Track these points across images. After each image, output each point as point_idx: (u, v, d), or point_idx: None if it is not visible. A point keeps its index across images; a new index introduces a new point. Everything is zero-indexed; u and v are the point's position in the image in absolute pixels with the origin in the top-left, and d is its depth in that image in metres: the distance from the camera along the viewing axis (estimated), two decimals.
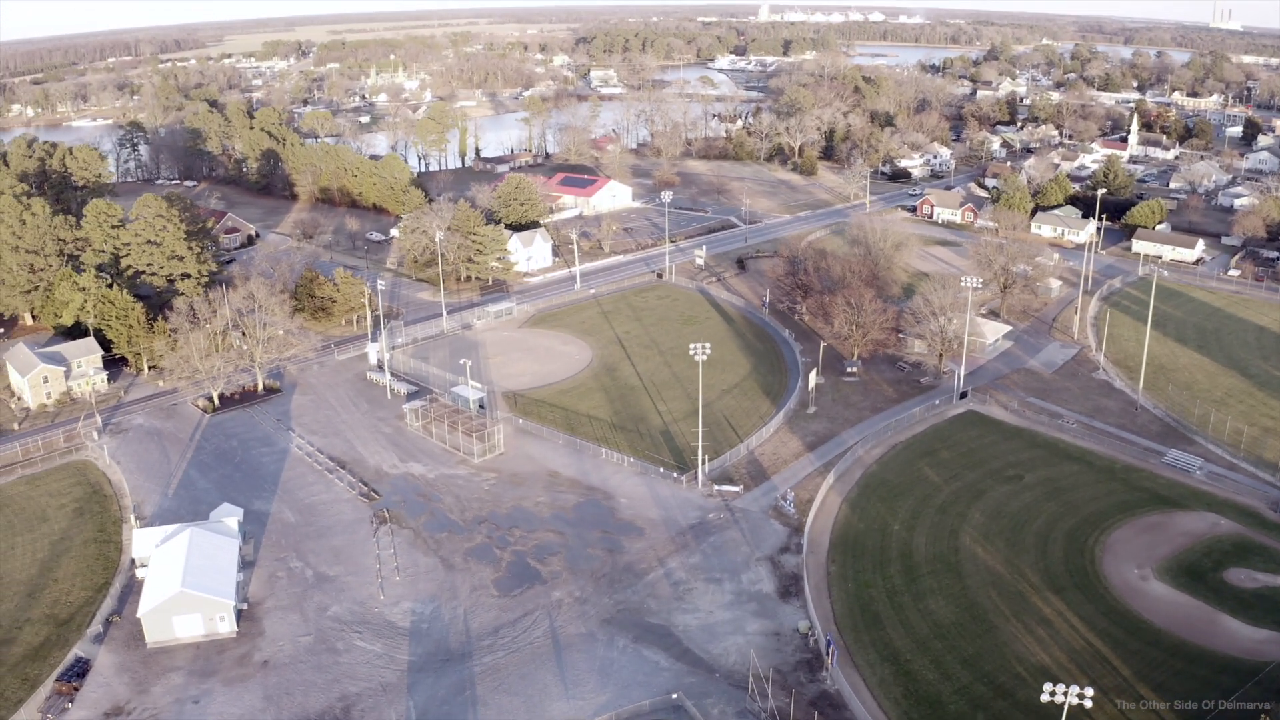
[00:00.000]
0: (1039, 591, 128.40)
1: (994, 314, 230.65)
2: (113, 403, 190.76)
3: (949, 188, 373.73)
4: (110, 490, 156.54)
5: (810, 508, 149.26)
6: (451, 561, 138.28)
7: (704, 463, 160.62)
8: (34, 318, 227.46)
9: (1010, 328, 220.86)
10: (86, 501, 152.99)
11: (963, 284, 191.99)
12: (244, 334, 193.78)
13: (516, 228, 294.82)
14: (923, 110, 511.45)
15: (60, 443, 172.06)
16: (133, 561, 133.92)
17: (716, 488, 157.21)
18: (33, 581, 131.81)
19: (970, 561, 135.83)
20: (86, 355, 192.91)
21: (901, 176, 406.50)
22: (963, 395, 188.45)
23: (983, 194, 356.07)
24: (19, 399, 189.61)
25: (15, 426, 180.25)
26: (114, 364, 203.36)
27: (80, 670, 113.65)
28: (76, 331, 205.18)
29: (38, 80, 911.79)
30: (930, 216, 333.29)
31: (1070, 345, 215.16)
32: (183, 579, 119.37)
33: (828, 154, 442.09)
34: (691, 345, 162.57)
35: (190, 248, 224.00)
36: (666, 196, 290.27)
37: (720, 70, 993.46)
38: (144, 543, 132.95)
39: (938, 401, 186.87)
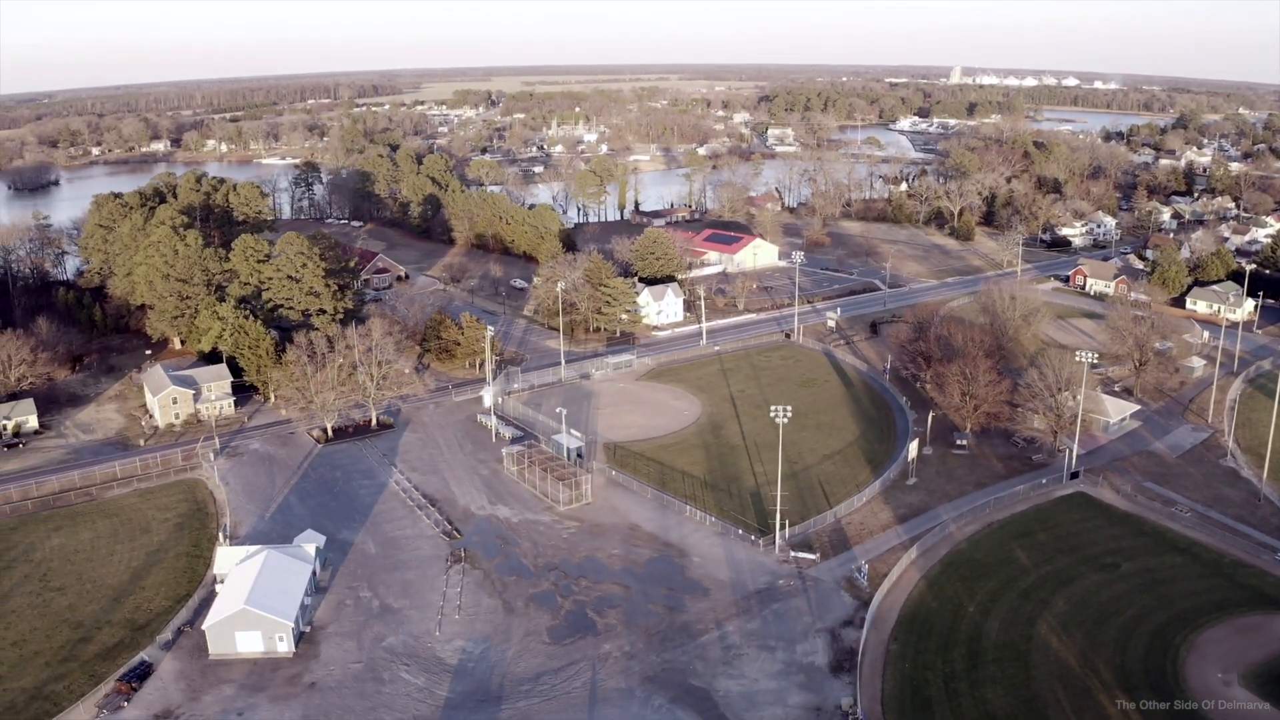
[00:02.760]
0: (1108, 689, 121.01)
1: (1128, 391, 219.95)
2: (235, 427, 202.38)
3: (1106, 258, 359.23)
4: (213, 509, 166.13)
5: (884, 581, 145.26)
6: (513, 605, 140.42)
7: (781, 527, 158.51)
8: (182, 343, 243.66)
9: (1139, 407, 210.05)
10: (189, 518, 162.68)
11: (1077, 358, 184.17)
12: (368, 372, 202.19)
13: (652, 281, 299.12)
14: (1096, 177, 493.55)
15: (178, 461, 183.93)
16: (214, 578, 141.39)
17: (793, 554, 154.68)
18: (122, 587, 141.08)
19: (1041, 651, 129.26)
20: (216, 380, 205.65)
21: (1061, 245, 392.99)
22: (1074, 475, 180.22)
23: (1140, 266, 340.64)
24: (150, 417, 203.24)
25: (141, 442, 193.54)
26: (246, 391, 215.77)
27: (142, 673, 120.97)
28: (215, 358, 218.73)
29: (235, 118, 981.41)
30: (1083, 287, 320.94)
31: (1202, 429, 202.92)
32: (247, 597, 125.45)
33: (988, 219, 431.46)
34: (772, 407, 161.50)
35: (327, 285, 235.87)
36: (798, 257, 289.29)
37: (901, 132, 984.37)
38: (226, 560, 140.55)
39: (1045, 481, 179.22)
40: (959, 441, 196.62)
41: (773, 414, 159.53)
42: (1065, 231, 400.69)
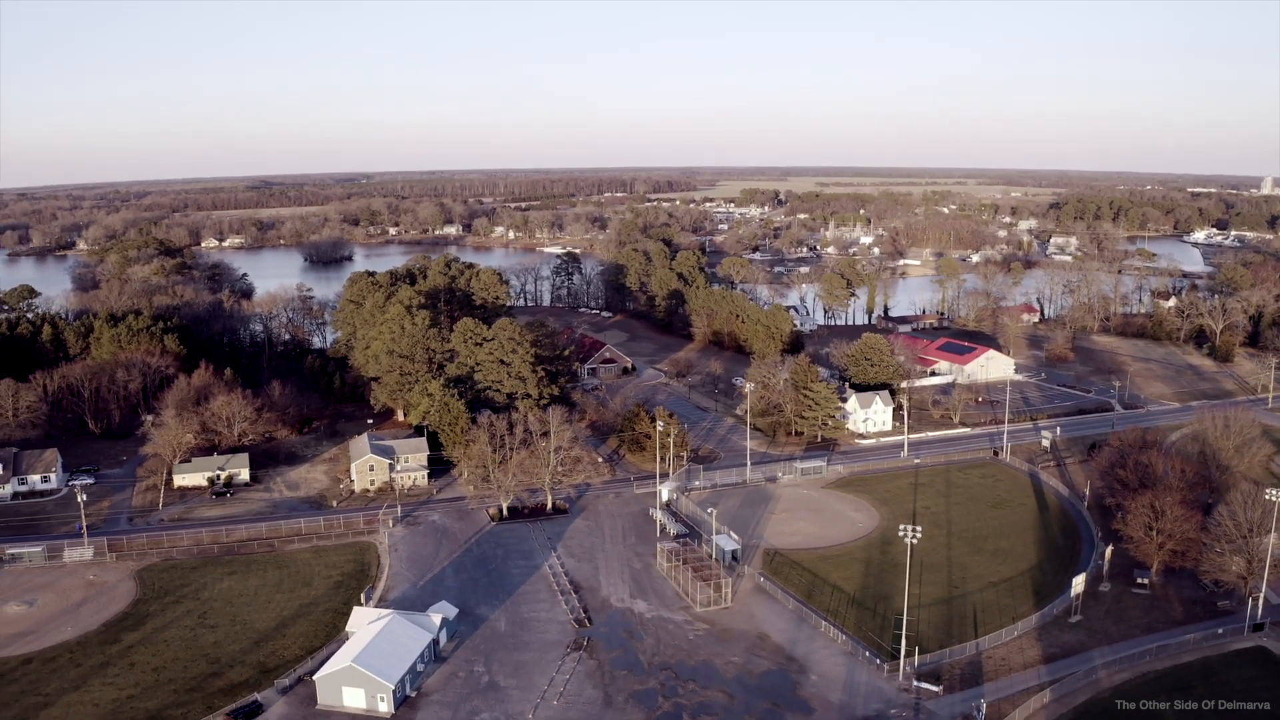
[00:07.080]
0: None
1: None
2: (423, 498, 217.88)
3: None
4: (375, 572, 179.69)
5: None
6: (613, 699, 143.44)
7: (910, 654, 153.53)
8: (404, 415, 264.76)
9: None
10: (350, 577, 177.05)
11: (1268, 496, 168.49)
12: (544, 458, 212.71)
13: (863, 388, 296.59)
14: None
15: (360, 524, 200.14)
16: (346, 634, 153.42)
17: (916, 683, 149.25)
18: (266, 632, 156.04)
19: None
20: (414, 453, 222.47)
21: None
22: (1258, 627, 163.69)
23: None
24: (350, 481, 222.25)
25: (334, 504, 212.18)
26: (446, 465, 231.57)
27: (251, 711, 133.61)
28: (425, 432, 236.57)
29: (528, 207, 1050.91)
30: None
31: None
32: (357, 655, 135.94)
33: (1253, 340, 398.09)
34: (901, 526, 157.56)
35: (534, 371, 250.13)
36: (1011, 372, 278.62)
37: (1195, 244, 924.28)
38: (359, 619, 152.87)
39: (1222, 631, 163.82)
40: (1140, 580, 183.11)
41: (901, 533, 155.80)
42: None
